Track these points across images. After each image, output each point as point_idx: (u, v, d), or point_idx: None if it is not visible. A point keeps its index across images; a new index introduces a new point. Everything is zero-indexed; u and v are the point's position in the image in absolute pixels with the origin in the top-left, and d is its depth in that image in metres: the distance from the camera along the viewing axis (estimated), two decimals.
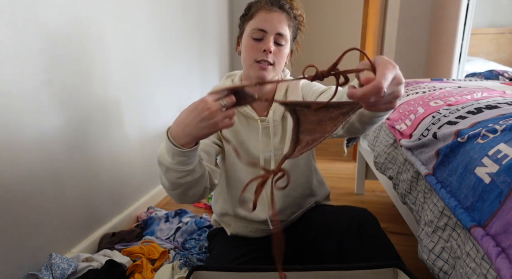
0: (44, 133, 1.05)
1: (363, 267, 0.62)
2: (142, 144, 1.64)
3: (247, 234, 0.94)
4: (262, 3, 0.83)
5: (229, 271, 0.63)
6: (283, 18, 0.82)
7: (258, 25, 0.81)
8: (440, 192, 0.62)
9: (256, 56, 0.81)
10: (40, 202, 1.04)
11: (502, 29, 2.70)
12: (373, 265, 0.62)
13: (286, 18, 0.83)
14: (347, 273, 0.62)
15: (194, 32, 2.23)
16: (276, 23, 0.81)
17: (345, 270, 0.61)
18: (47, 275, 0.98)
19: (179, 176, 0.68)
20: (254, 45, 0.81)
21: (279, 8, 0.82)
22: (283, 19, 0.82)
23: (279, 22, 0.81)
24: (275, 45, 0.82)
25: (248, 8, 0.87)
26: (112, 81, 1.38)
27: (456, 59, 2.08)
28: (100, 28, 1.29)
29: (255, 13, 0.82)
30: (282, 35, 0.82)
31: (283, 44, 0.83)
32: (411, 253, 1.25)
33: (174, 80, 1.97)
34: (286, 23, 0.83)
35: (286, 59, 0.88)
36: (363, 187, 1.94)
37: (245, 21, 0.86)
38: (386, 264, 0.62)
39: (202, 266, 0.63)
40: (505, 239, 0.43)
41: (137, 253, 1.21)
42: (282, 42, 0.82)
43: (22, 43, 0.97)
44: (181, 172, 0.67)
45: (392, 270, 0.62)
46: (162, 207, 1.74)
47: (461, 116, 0.73)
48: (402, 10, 2.39)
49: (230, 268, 0.64)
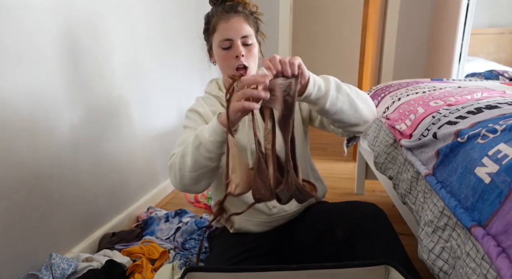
0: (44, 134, 1.05)
1: (356, 265, 0.63)
2: (142, 144, 1.64)
3: (250, 228, 0.94)
4: (218, 14, 0.89)
5: (223, 271, 0.63)
6: (241, 20, 0.88)
7: (223, 36, 0.87)
8: (440, 192, 0.62)
9: (231, 64, 0.88)
10: (40, 202, 1.04)
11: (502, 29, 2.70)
12: (365, 263, 0.63)
13: (244, 18, 0.89)
14: (341, 271, 0.63)
15: (193, 32, 2.23)
16: (238, 28, 0.87)
17: (338, 268, 0.63)
18: (47, 275, 0.98)
19: (206, 156, 0.74)
20: (226, 54, 0.88)
21: (234, 13, 0.88)
22: (242, 21, 0.88)
23: (239, 26, 0.87)
24: (244, 46, 0.88)
25: (207, 22, 0.94)
26: (112, 82, 1.38)
27: (456, 59, 2.08)
28: (104, 29, 1.29)
29: (216, 25, 0.89)
30: (247, 36, 0.88)
31: (250, 43, 0.89)
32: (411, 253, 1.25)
33: (173, 80, 1.97)
34: (246, 23, 0.89)
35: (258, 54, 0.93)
36: (363, 187, 1.94)
37: (209, 35, 0.93)
38: (377, 262, 0.63)
39: (195, 267, 0.64)
40: (505, 239, 0.43)
41: (137, 253, 1.21)
42: (248, 41, 0.88)
43: (36, 48, 0.98)
44: (210, 152, 0.73)
45: (384, 268, 0.63)
46: (162, 207, 1.74)
47: (461, 116, 0.73)
48: (402, 10, 2.39)
49: (224, 269, 0.64)
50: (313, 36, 4.24)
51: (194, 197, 1.82)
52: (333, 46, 4.26)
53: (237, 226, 0.95)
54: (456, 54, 2.07)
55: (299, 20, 4.12)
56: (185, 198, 1.86)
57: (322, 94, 0.74)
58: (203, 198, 1.81)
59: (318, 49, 4.26)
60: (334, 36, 4.24)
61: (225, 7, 0.89)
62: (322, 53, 4.28)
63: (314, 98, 0.74)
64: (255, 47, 0.91)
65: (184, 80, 2.12)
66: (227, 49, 0.88)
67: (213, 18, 0.90)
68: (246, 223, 0.94)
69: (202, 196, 1.83)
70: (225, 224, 0.95)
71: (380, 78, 2.62)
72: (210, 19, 0.92)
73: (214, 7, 0.92)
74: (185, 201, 1.82)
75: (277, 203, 0.68)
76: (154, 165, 1.79)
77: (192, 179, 0.78)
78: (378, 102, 1.35)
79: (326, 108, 0.76)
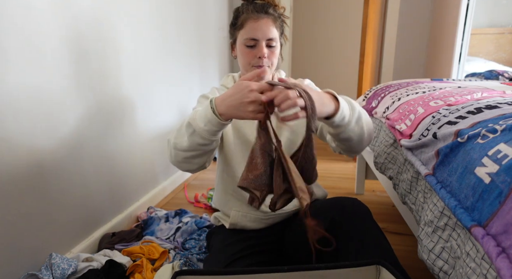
0: (44, 134, 1.05)
1: (347, 266, 0.64)
2: (142, 144, 1.64)
3: (246, 224, 0.95)
4: (249, 12, 0.89)
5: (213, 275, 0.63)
6: (270, 22, 0.89)
7: (249, 34, 0.88)
8: (440, 192, 0.62)
9: (252, 62, 0.90)
10: (40, 202, 1.04)
11: (502, 29, 2.70)
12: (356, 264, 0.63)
13: (273, 21, 0.90)
14: (332, 272, 0.63)
15: (194, 32, 2.24)
16: (265, 30, 0.88)
17: (330, 269, 0.63)
18: (47, 275, 0.98)
19: (201, 142, 0.75)
20: (249, 52, 0.90)
21: (265, 13, 0.89)
22: (270, 23, 0.89)
23: (267, 28, 0.88)
24: (267, 48, 0.90)
25: (235, 17, 0.94)
26: (113, 82, 1.38)
27: (456, 59, 2.08)
28: (107, 29, 1.29)
29: (244, 22, 0.89)
30: (272, 39, 0.89)
31: (274, 45, 0.91)
32: (411, 253, 1.25)
33: (173, 80, 1.97)
34: (273, 25, 0.90)
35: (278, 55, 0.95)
36: (363, 187, 1.94)
37: (235, 30, 0.93)
38: (368, 262, 0.63)
39: (185, 270, 0.64)
40: (505, 239, 0.43)
41: (137, 253, 1.21)
42: (273, 44, 0.90)
43: (38, 47, 0.99)
44: (205, 139, 0.74)
45: (375, 268, 0.63)
46: (162, 207, 1.74)
47: (461, 116, 0.73)
48: (402, 10, 2.39)
49: (214, 271, 0.64)
50: (313, 36, 4.23)
51: (194, 197, 1.82)
52: (333, 46, 4.26)
53: (233, 220, 0.96)
54: (456, 54, 2.07)
55: (299, 20, 4.13)
56: (185, 198, 1.86)
57: (344, 124, 0.75)
58: (203, 198, 1.81)
59: (318, 49, 4.26)
60: (334, 36, 4.23)
61: (256, 6, 0.90)
62: (322, 53, 4.28)
63: (335, 125, 0.75)
64: (277, 49, 0.93)
65: (184, 80, 2.12)
66: (251, 47, 0.89)
67: (242, 14, 0.91)
68: (242, 219, 0.95)
69: (202, 196, 1.83)
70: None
71: (380, 78, 2.62)
72: (239, 14, 0.93)
73: (245, 3, 0.93)
74: (185, 201, 1.82)
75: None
76: (154, 165, 1.79)
77: (186, 158, 0.80)
78: (378, 102, 1.35)
79: (338, 134, 0.78)
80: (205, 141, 0.75)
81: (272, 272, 0.63)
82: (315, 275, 0.63)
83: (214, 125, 0.71)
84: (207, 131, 0.72)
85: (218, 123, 0.71)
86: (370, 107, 1.41)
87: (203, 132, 0.73)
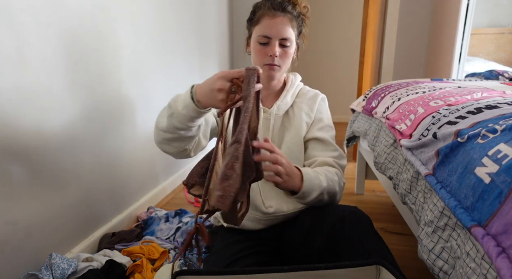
0: (44, 134, 1.05)
1: (347, 266, 0.63)
2: (142, 144, 1.64)
3: (245, 224, 0.94)
4: (266, 8, 0.87)
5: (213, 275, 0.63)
6: (286, 21, 0.87)
7: (263, 31, 0.87)
8: (440, 192, 0.62)
9: (264, 60, 0.89)
10: (40, 201, 1.04)
11: (502, 29, 2.70)
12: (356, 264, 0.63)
13: (290, 20, 0.88)
14: (332, 272, 0.63)
15: (194, 31, 2.23)
16: (280, 29, 0.86)
17: (329, 269, 0.63)
18: (47, 275, 0.98)
19: (178, 126, 0.75)
20: (261, 50, 0.88)
21: (282, 11, 0.86)
22: (286, 22, 0.87)
23: (282, 27, 0.86)
24: (281, 47, 0.88)
25: (253, 11, 0.92)
26: (113, 82, 1.38)
27: (456, 59, 2.08)
28: (106, 29, 1.29)
29: (260, 18, 0.88)
30: (286, 39, 0.87)
31: (288, 46, 0.88)
32: (411, 253, 1.25)
33: (173, 80, 1.97)
34: (289, 25, 0.88)
35: (293, 56, 0.94)
36: (363, 187, 1.94)
37: (251, 25, 0.92)
38: (368, 262, 0.63)
39: (185, 270, 0.64)
40: (505, 239, 0.43)
41: (137, 253, 1.21)
42: (287, 44, 0.88)
43: (37, 47, 0.98)
44: (182, 123, 0.75)
45: (375, 268, 0.63)
46: (162, 207, 1.74)
47: (461, 116, 0.73)
48: (402, 10, 2.39)
49: (214, 271, 0.64)
50: (313, 36, 4.23)
51: (194, 197, 1.82)
52: (333, 46, 4.26)
53: None
54: (456, 54, 2.07)
55: None
56: (185, 198, 1.86)
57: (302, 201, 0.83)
58: None
59: (318, 49, 4.26)
60: (334, 36, 4.24)
61: (274, 3, 0.87)
62: (322, 53, 4.28)
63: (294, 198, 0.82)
64: (291, 50, 0.91)
65: (184, 80, 2.12)
66: (263, 45, 0.88)
67: (259, 10, 0.89)
68: None
69: None
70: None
71: (380, 78, 2.62)
72: (256, 10, 0.91)
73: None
74: (185, 201, 1.82)
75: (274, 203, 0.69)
76: (154, 165, 1.79)
77: (165, 139, 0.81)
78: (378, 102, 1.35)
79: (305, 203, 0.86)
80: (182, 125, 0.75)
81: (272, 272, 0.63)
82: (315, 275, 0.63)
83: (191, 110, 0.72)
84: (184, 116, 0.73)
85: (195, 109, 0.71)
86: (370, 107, 1.41)
87: (180, 115, 0.73)
